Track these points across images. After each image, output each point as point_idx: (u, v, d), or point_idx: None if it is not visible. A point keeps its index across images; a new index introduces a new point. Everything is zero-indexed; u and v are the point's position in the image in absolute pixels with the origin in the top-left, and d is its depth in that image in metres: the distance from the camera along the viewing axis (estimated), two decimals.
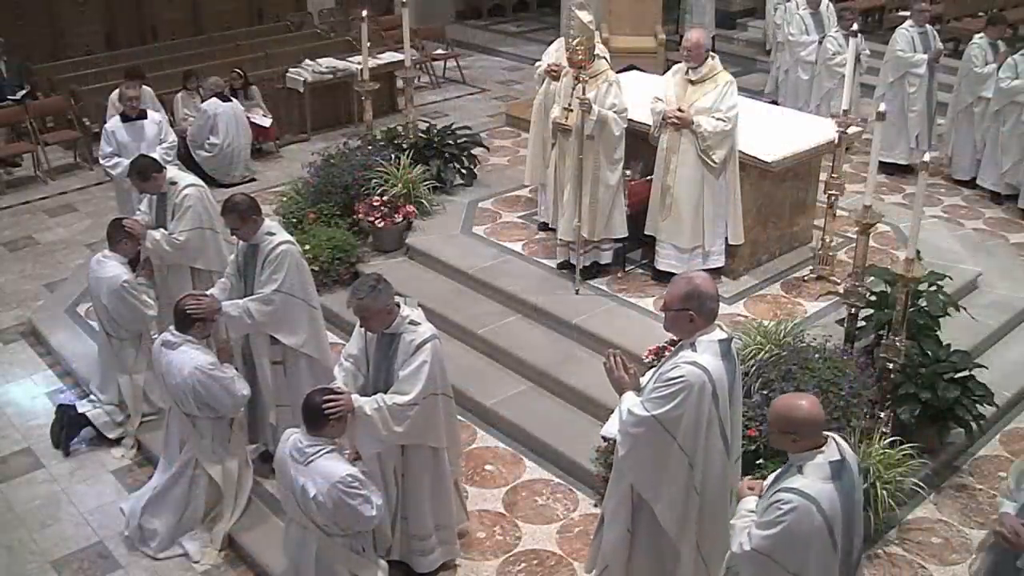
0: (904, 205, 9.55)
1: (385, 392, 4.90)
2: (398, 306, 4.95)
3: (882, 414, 5.95)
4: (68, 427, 6.60)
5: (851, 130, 7.28)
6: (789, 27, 11.58)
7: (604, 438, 5.07)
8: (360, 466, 4.80)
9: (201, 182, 7.03)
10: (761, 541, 3.87)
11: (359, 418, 4.81)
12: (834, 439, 3.93)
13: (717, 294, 4.32)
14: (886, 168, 10.44)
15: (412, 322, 4.95)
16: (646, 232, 7.37)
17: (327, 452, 4.68)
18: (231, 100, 10.85)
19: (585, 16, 6.91)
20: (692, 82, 7.03)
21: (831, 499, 3.80)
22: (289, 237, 5.92)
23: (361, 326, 5.03)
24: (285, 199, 8.91)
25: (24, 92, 11.60)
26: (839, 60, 10.63)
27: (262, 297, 5.72)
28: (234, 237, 5.97)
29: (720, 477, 4.37)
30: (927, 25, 10.61)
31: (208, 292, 5.95)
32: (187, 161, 10.04)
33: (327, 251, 7.88)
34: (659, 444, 4.24)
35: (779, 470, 4.05)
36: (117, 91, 9.29)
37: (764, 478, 4.23)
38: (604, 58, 7.29)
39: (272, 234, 5.80)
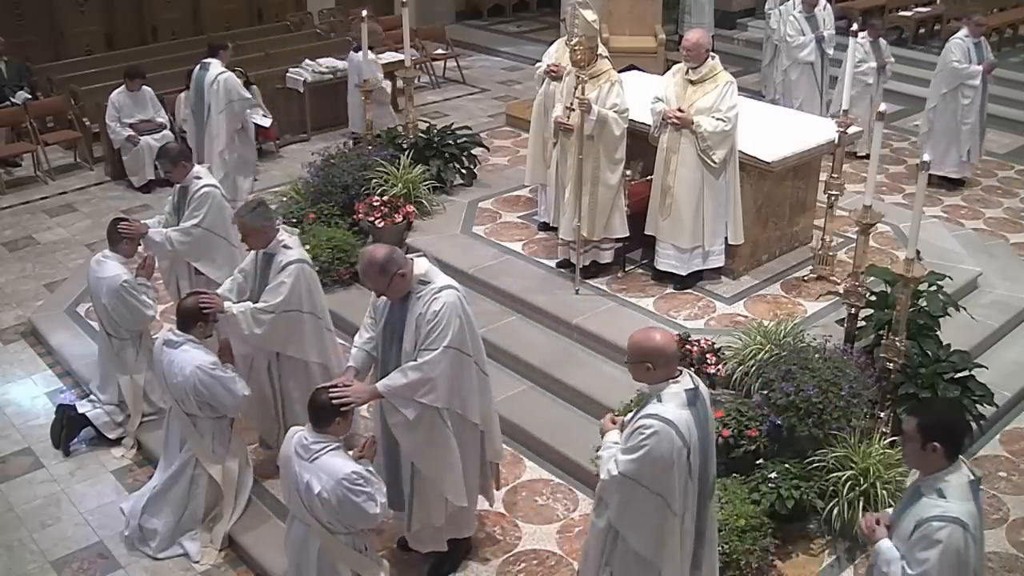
0: (904, 205, 9.55)
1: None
2: (277, 230, 5.75)
3: (882, 414, 5.96)
4: (68, 427, 6.60)
5: (851, 130, 7.29)
6: (786, 28, 11.58)
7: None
8: (365, 464, 4.80)
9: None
10: (627, 465, 4.10)
11: (228, 318, 5.66)
12: (688, 373, 4.21)
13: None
14: (938, 182, 10.26)
15: (285, 246, 5.73)
16: (646, 232, 7.36)
17: (332, 449, 4.67)
18: None
19: (589, 15, 6.90)
20: (692, 82, 7.02)
21: (688, 424, 4.09)
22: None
23: (242, 240, 5.91)
24: (285, 199, 8.92)
25: (25, 92, 11.60)
26: (863, 68, 10.58)
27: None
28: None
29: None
30: (981, 37, 10.49)
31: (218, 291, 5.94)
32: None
33: (327, 251, 7.88)
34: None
35: (640, 403, 4.28)
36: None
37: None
38: (606, 58, 7.27)
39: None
